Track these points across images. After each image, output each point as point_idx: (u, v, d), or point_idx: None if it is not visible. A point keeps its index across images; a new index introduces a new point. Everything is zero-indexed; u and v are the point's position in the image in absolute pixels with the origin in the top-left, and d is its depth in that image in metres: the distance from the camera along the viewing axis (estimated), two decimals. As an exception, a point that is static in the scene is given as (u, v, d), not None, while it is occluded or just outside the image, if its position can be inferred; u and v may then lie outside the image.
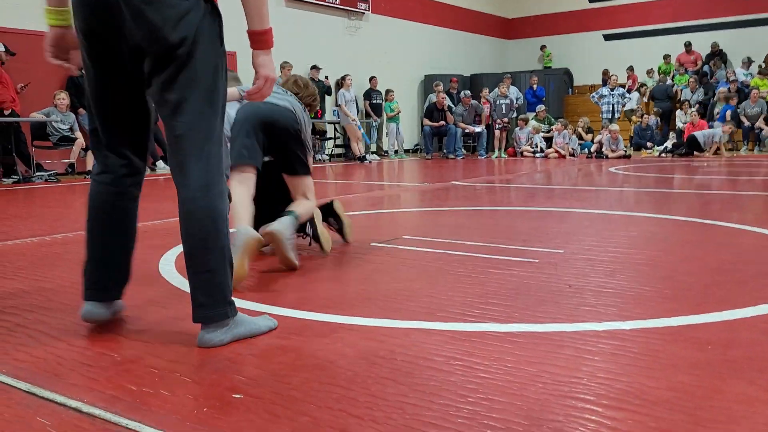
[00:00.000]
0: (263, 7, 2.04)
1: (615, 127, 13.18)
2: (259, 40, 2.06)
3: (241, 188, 3.10)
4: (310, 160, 3.42)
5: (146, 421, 1.48)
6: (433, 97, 14.88)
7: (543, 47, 19.91)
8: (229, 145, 3.38)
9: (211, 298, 2.00)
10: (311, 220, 3.46)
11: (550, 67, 19.10)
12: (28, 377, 1.75)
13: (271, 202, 3.35)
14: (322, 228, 3.50)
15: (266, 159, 3.29)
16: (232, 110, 3.52)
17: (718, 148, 12.92)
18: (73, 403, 1.58)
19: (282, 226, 2.99)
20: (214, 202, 2.01)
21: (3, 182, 8.88)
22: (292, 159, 3.30)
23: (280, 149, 3.30)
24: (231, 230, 2.15)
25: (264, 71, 2.09)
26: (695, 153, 13.01)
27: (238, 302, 2.46)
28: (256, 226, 2.98)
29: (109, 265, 2.19)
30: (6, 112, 8.87)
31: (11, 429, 1.46)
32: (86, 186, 4.18)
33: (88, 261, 2.18)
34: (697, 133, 13.19)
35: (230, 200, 2.51)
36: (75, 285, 2.83)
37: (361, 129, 13.50)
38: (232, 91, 3.64)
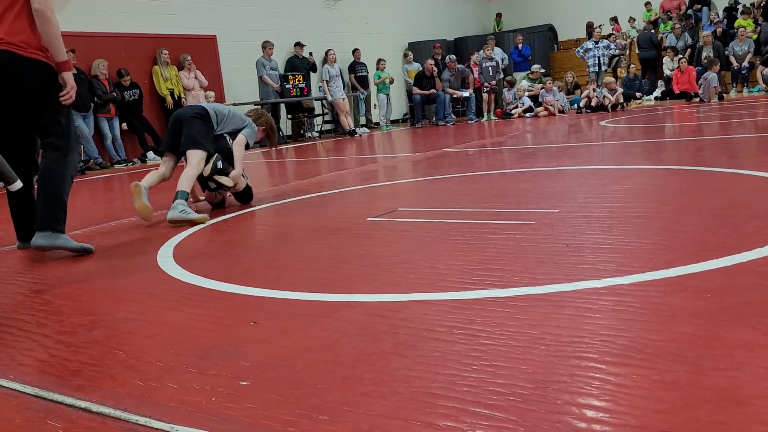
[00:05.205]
0: (59, 47, 3.27)
1: (609, 79, 13.10)
2: (60, 67, 3.33)
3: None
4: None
5: (156, 415, 1.48)
6: (408, 68, 14.93)
7: (499, 15, 19.84)
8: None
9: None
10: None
11: (502, 31, 18.76)
12: (35, 381, 1.76)
13: None
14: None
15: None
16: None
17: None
18: (81, 403, 1.59)
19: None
20: None
21: (-6, 186, 8.83)
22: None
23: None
24: None
25: (70, 82, 3.34)
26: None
27: (241, 289, 2.47)
28: None
29: None
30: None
31: (23, 435, 1.47)
32: (77, 186, 4.15)
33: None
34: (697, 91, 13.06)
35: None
36: (74, 286, 2.84)
37: (344, 96, 13.42)
38: None
